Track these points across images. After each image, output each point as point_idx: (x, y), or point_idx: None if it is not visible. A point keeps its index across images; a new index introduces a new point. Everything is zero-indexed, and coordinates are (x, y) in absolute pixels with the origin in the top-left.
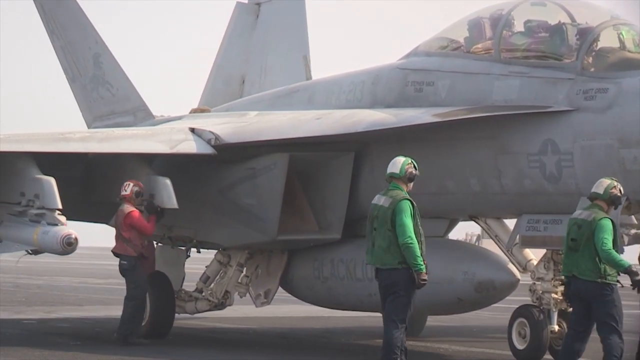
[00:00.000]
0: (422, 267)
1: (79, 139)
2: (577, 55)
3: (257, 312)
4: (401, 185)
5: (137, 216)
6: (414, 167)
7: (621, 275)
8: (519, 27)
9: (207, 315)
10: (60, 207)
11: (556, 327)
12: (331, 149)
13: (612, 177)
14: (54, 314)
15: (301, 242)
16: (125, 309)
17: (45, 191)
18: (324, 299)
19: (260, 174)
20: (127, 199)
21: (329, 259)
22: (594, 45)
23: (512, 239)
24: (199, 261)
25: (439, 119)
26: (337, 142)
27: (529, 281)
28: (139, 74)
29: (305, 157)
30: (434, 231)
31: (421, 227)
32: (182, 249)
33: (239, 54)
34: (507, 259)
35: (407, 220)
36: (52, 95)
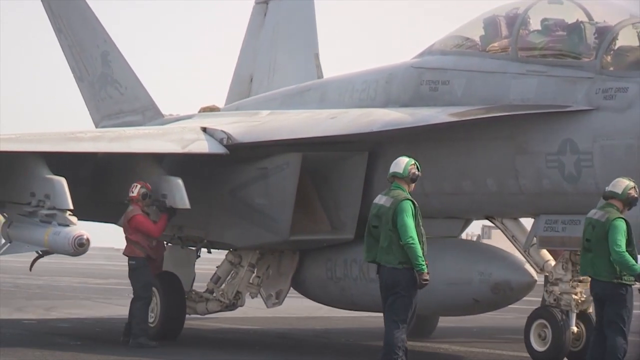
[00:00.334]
0: (424, 267)
1: (90, 139)
2: (597, 54)
3: (257, 312)
4: (403, 185)
5: (142, 219)
6: (417, 168)
7: None
8: (536, 26)
9: (206, 315)
10: (71, 207)
11: (575, 329)
12: (345, 149)
13: (630, 177)
14: (54, 314)
15: (314, 242)
16: (133, 311)
17: (56, 191)
18: (337, 300)
19: (272, 174)
20: (134, 201)
21: (342, 259)
22: (613, 44)
23: (530, 239)
24: (206, 262)
25: (456, 119)
26: (351, 141)
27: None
28: (143, 73)
29: (318, 156)
30: (448, 231)
31: (423, 227)
32: (192, 249)
33: (250, 54)
34: (523, 260)
35: (409, 220)
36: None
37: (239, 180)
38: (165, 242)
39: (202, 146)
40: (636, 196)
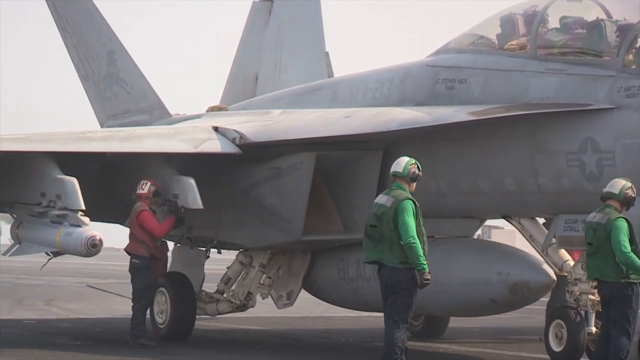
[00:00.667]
0: (425, 266)
1: (101, 138)
2: (618, 52)
3: (257, 312)
4: (404, 184)
5: (149, 216)
6: (418, 167)
7: None
8: (555, 24)
9: (216, 316)
10: (83, 207)
11: (594, 329)
12: (359, 148)
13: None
14: (54, 314)
15: (326, 242)
16: (134, 312)
17: (67, 192)
18: (350, 300)
19: (285, 174)
20: (143, 198)
21: (354, 259)
22: (635, 41)
23: (549, 239)
24: (213, 262)
25: (474, 117)
26: (365, 141)
27: None
28: (147, 72)
29: (331, 156)
30: (463, 231)
31: (424, 227)
32: (202, 249)
33: (254, 52)
34: (541, 260)
35: (410, 220)
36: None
37: (250, 180)
38: (174, 243)
39: (215, 146)
40: (633, 196)
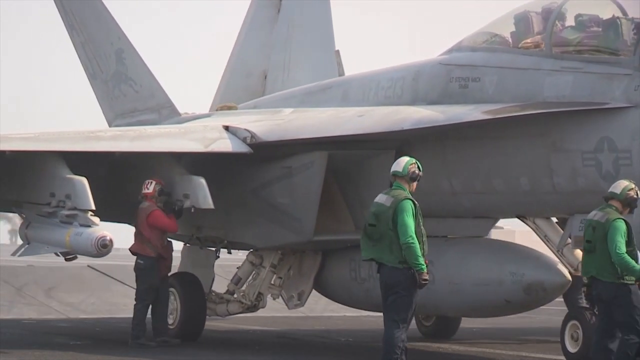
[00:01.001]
0: (423, 267)
1: (111, 138)
2: (635, 50)
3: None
4: (404, 184)
5: (160, 215)
6: (418, 167)
7: None
8: (570, 22)
9: (227, 316)
10: (93, 207)
11: None
12: (371, 147)
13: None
14: (54, 314)
15: (337, 242)
16: (135, 312)
17: (77, 191)
18: (361, 301)
19: (297, 173)
20: (149, 197)
21: None
22: None
23: (564, 239)
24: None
25: (489, 116)
26: (378, 140)
27: None
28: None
29: (343, 155)
30: (477, 231)
31: (423, 227)
32: (212, 249)
33: (259, 49)
34: (556, 260)
35: (409, 220)
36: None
37: (261, 179)
38: (184, 243)
39: (225, 145)
40: (635, 197)
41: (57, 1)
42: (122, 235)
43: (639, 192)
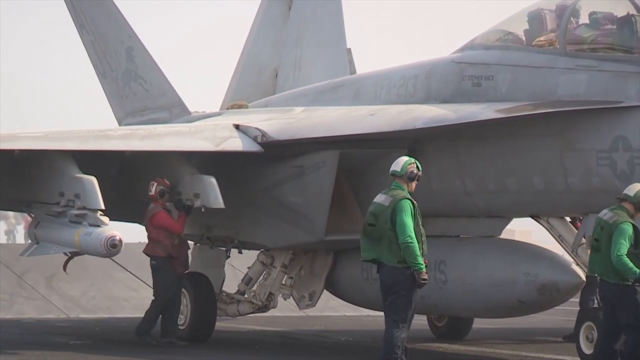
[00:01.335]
0: (422, 266)
1: (121, 137)
2: None
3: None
4: (402, 184)
5: (163, 216)
6: (417, 167)
7: None
8: (585, 19)
9: (237, 317)
10: (102, 207)
11: None
12: (383, 146)
13: None
14: (54, 314)
15: (349, 242)
16: (150, 308)
17: (86, 191)
18: (374, 301)
19: (308, 172)
20: (153, 199)
21: None
22: None
23: (578, 239)
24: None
25: (503, 115)
26: (390, 139)
27: None
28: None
29: (355, 154)
30: (490, 231)
31: (422, 227)
32: (222, 249)
33: (270, 47)
34: (570, 260)
35: (408, 219)
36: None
37: (272, 178)
38: (194, 243)
39: (236, 144)
40: None
41: (67, 0)
42: (133, 235)
43: None
